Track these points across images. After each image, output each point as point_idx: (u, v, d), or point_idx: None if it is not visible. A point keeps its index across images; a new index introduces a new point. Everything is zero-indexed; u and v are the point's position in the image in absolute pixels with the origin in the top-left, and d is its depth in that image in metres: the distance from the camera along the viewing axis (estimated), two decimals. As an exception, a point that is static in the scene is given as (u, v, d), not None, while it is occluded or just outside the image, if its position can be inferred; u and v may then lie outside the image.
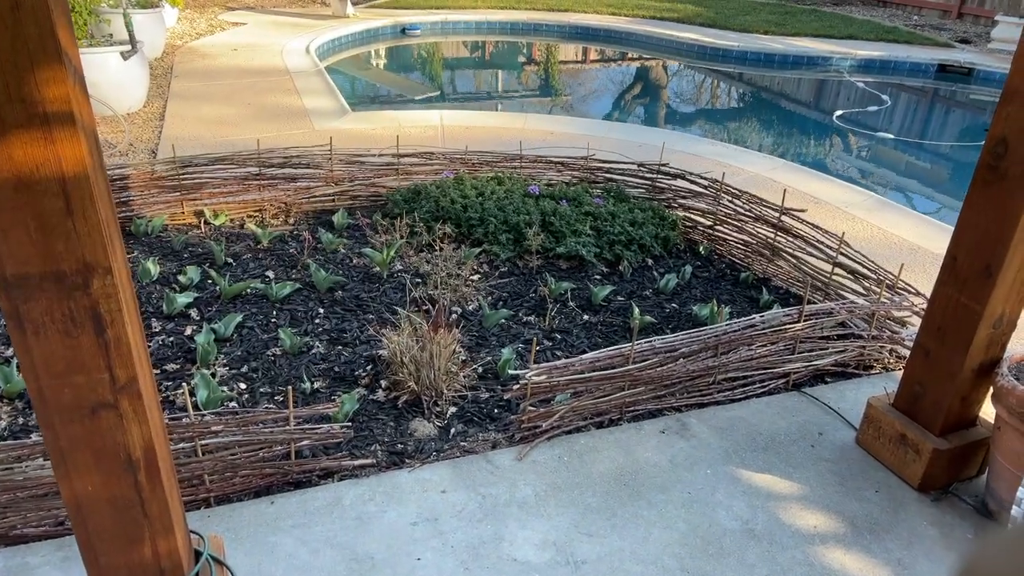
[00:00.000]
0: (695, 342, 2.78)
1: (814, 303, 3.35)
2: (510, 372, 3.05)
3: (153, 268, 3.74)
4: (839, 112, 8.52)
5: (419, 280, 3.84)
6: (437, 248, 4.04)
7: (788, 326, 2.95)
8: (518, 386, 2.58)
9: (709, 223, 4.36)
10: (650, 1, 15.13)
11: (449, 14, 12.89)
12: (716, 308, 3.44)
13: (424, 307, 3.58)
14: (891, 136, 7.73)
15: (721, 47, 11.03)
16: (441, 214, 4.27)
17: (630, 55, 12.32)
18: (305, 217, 4.54)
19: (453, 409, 2.86)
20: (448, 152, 4.89)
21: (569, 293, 3.78)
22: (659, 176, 4.60)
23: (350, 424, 2.45)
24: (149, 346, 3.18)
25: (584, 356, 2.64)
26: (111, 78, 6.35)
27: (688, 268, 3.99)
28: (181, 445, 2.26)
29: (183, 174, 4.33)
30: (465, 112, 6.96)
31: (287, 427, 2.37)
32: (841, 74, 10.25)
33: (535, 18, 13.02)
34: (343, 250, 4.13)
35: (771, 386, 3.05)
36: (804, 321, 2.99)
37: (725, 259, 4.24)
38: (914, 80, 10.20)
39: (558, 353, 3.30)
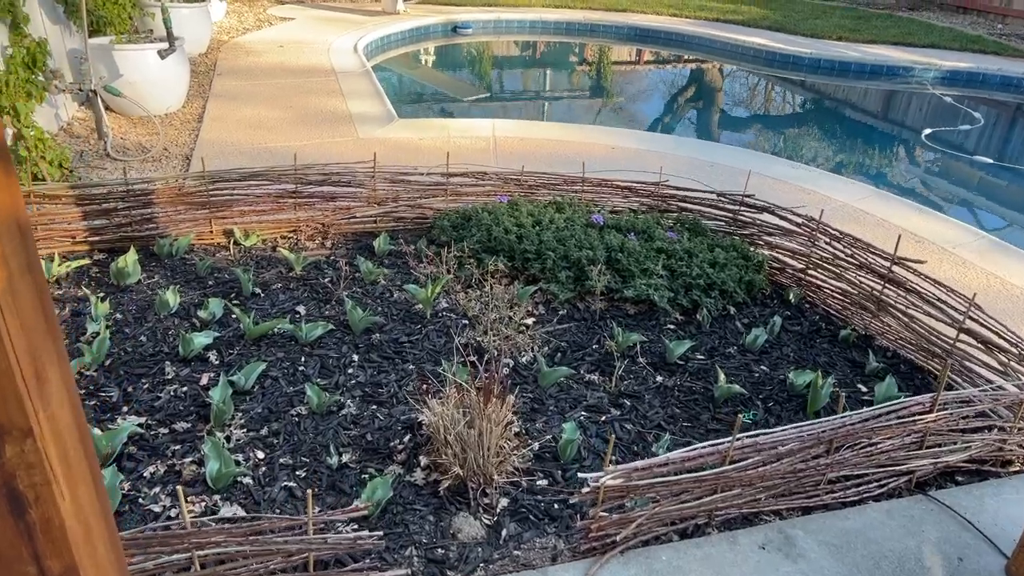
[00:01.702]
0: (807, 438, 2.26)
1: (943, 378, 2.78)
2: (580, 476, 2.56)
3: (172, 299, 3.35)
4: (928, 130, 7.79)
5: (466, 322, 3.37)
6: (488, 284, 3.57)
7: (918, 418, 2.40)
8: (588, 489, 2.09)
9: (801, 266, 3.80)
10: (713, 2, 14.43)
11: (503, 12, 12.42)
12: (819, 379, 2.89)
13: (471, 357, 3.11)
14: (990, 160, 6.98)
15: (792, 53, 10.33)
16: (493, 245, 3.80)
17: (691, 59, 11.68)
18: (344, 240, 4.12)
19: (505, 501, 2.39)
20: (502, 172, 4.42)
21: (639, 347, 3.28)
22: (742, 208, 4.05)
23: (381, 534, 2.00)
24: (159, 397, 2.79)
25: (672, 455, 2.14)
26: (149, 77, 6.03)
27: (777, 320, 3.44)
28: (175, 557, 1.84)
29: (212, 190, 3.94)
30: (519, 122, 6.48)
31: (305, 536, 1.92)
32: (924, 86, 9.48)
33: (591, 18, 12.46)
34: (383, 282, 3.69)
35: (890, 486, 2.51)
36: (938, 411, 2.43)
37: (819, 309, 3.68)
38: (1006, 95, 9.37)
39: (627, 426, 2.80)
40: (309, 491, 1.83)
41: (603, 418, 2.83)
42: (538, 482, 2.48)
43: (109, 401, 2.76)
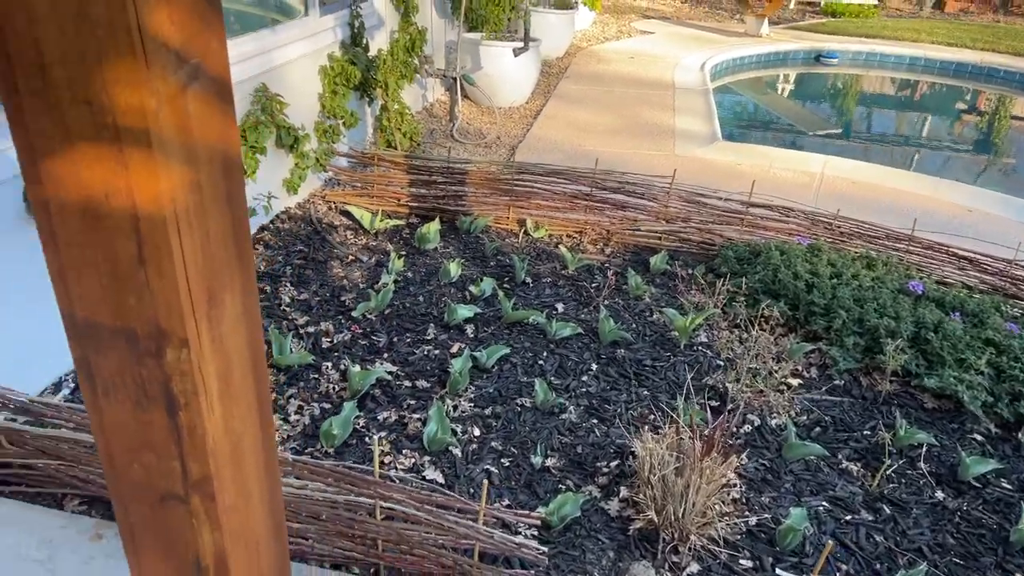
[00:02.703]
0: None
1: None
2: (778, 572, 2.19)
3: (455, 270, 3.63)
4: None
5: (720, 363, 3.09)
6: (756, 329, 3.23)
7: None
8: (786, 591, 1.76)
9: None
10: None
11: (879, 45, 11.20)
12: None
13: (712, 402, 2.85)
14: None
15: None
16: (776, 288, 3.42)
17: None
18: (623, 250, 4.07)
19: (695, 567, 2.13)
20: (813, 212, 3.96)
21: (924, 449, 2.68)
22: None
23: (545, 551, 1.92)
24: (414, 353, 3.04)
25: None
26: (502, 72, 6.63)
27: None
28: (361, 499, 1.97)
29: (516, 179, 4.18)
30: (857, 163, 5.76)
31: (474, 524, 1.93)
32: None
33: (991, 61, 10.60)
34: (647, 299, 3.56)
35: None
36: None
37: None
38: None
39: (876, 537, 2.30)
40: (484, 481, 1.82)
41: (848, 517, 2.37)
42: (741, 561, 2.17)
43: (376, 345, 3.09)
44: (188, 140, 0.91)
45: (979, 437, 2.79)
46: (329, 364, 2.92)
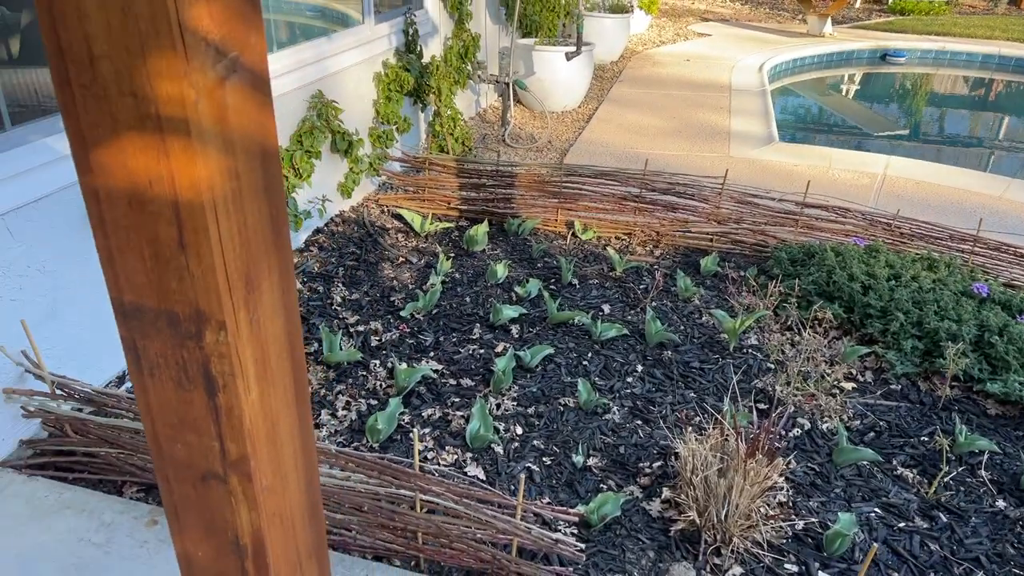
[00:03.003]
0: None
1: None
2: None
3: (502, 271, 3.67)
4: None
5: (771, 366, 3.03)
6: (808, 332, 3.15)
7: None
8: (829, 596, 1.71)
9: None
10: None
11: (949, 42, 10.77)
12: None
13: (760, 404, 2.79)
14: None
15: None
16: (830, 290, 3.33)
17: None
18: (673, 252, 4.03)
19: (738, 570, 2.09)
20: (871, 212, 3.84)
21: (986, 456, 2.57)
22: None
23: (583, 547, 1.92)
24: (459, 352, 3.08)
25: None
26: (555, 76, 6.65)
27: None
28: (402, 492, 2.01)
29: (565, 182, 4.19)
30: (921, 163, 5.55)
31: (512, 519, 1.94)
32: None
33: (1074, 55, 10.06)
34: (696, 301, 3.52)
35: None
36: None
37: None
38: None
39: (931, 545, 2.21)
40: (522, 475, 1.84)
41: (901, 524, 2.29)
42: (785, 565, 2.12)
43: (423, 344, 3.14)
44: (225, 130, 0.96)
45: (1047, 446, 2.65)
46: (377, 362, 2.99)
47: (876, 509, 2.34)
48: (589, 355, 3.08)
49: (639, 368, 3.01)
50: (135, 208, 0.97)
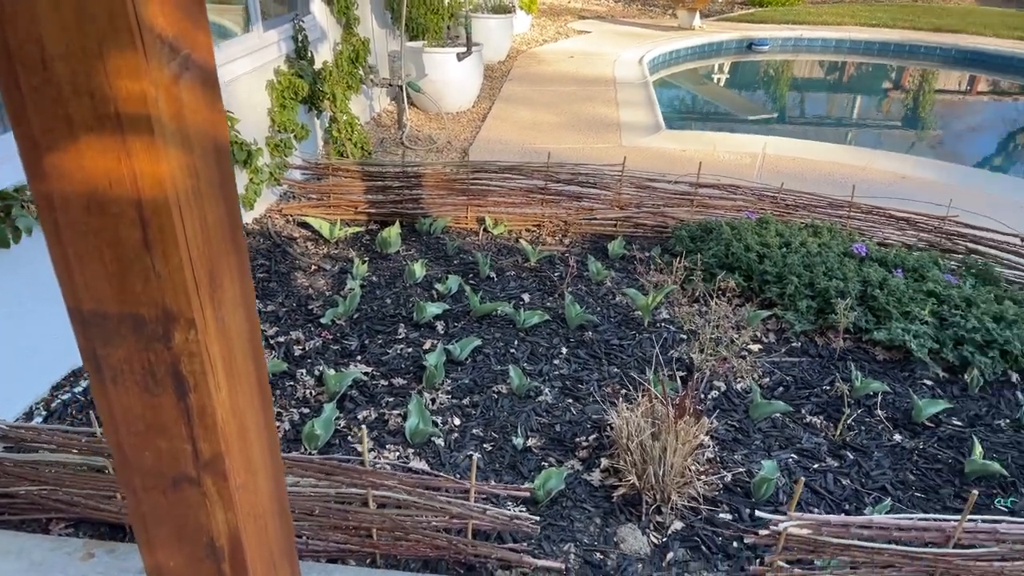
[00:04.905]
0: (1074, 544, 1.77)
1: None
2: (758, 514, 2.31)
3: (420, 271, 3.69)
4: None
5: (684, 337, 3.22)
6: (715, 301, 3.37)
7: None
8: (766, 532, 1.87)
9: None
10: (1079, 22, 12.02)
11: (806, 30, 11.64)
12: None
13: (680, 372, 2.97)
14: None
15: None
16: (729, 261, 3.58)
17: (1036, 88, 9.84)
18: (581, 239, 4.18)
19: (679, 525, 2.23)
20: (758, 188, 4.14)
21: (880, 397, 2.85)
22: (1053, 258, 3.32)
23: (539, 519, 2.00)
24: (387, 353, 3.09)
25: (877, 518, 1.82)
26: (447, 78, 6.71)
27: (1077, 400, 2.76)
28: (353, 490, 2.02)
29: (472, 179, 4.26)
30: (795, 141, 6.01)
31: (466, 503, 1.99)
32: None
33: (913, 38, 11.12)
34: (609, 283, 3.68)
35: None
36: None
37: None
38: None
39: (843, 481, 2.44)
40: (474, 455, 1.89)
41: (815, 466, 2.51)
42: (720, 515, 2.28)
43: (348, 348, 3.13)
44: (183, 127, 0.97)
45: (928, 382, 2.97)
46: (303, 371, 2.95)
47: (792, 455, 2.55)
48: (515, 343, 3.17)
49: (564, 350, 3.13)
50: (94, 211, 0.96)
